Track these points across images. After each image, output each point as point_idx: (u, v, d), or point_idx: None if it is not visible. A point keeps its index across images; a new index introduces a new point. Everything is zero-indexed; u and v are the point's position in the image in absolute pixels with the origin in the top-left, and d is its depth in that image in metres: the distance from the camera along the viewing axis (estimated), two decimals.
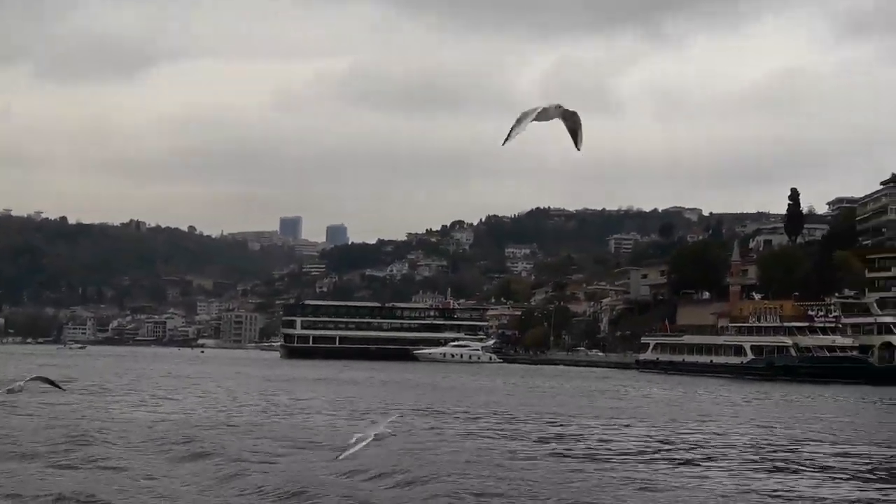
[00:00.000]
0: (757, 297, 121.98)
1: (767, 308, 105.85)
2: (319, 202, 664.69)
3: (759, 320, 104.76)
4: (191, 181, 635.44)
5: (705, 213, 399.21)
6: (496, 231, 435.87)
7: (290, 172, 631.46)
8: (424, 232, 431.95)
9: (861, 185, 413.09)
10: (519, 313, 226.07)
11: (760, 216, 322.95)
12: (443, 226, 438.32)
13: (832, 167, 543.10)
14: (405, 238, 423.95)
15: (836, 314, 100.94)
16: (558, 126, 11.61)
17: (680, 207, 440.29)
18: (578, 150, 12.00)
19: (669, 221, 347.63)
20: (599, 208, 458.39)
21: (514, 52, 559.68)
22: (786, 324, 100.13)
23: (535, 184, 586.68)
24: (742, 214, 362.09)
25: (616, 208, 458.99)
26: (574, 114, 11.75)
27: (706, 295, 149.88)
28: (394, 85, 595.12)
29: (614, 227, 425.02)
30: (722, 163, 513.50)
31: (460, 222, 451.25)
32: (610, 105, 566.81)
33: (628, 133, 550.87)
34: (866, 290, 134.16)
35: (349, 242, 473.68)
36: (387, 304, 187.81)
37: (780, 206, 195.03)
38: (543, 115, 11.52)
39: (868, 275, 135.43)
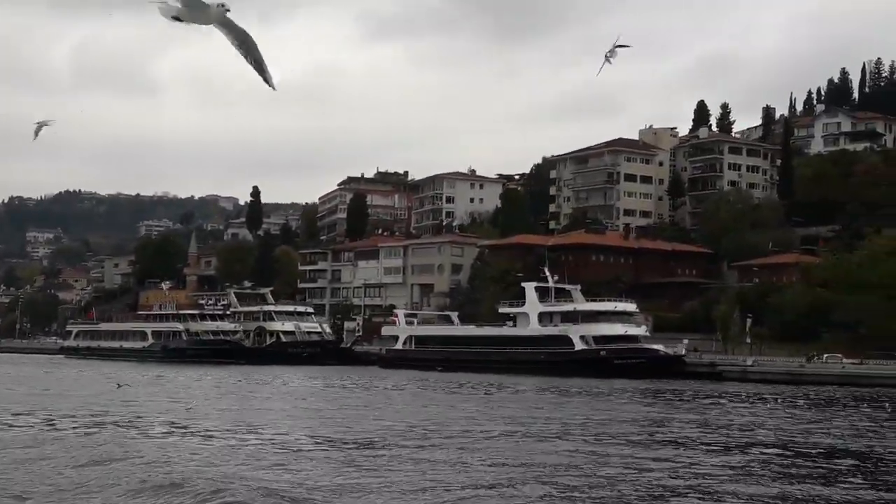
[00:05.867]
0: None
1: (167, 298, 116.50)
2: None
3: (160, 308, 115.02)
4: None
5: (241, 202, 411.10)
6: (19, 214, 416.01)
7: None
8: None
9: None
10: (7, 301, 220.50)
11: (292, 206, 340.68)
12: None
13: (352, 161, 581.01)
14: None
15: (224, 303, 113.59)
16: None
17: (216, 195, 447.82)
18: (272, 87, 10.91)
19: (191, 210, 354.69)
20: (134, 193, 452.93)
21: (37, 25, 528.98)
22: (180, 311, 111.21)
23: (68, 165, 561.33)
24: (279, 205, 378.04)
25: (151, 194, 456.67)
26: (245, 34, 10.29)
27: (168, 284, 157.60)
28: None
29: (148, 213, 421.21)
30: (263, 152, 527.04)
31: None
32: (146, 87, 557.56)
33: (168, 118, 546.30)
34: (298, 280, 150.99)
35: None
36: None
37: (307, 197, 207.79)
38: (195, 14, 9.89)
39: (300, 267, 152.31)
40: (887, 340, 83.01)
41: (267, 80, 10.74)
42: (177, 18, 9.71)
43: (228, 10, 9.13)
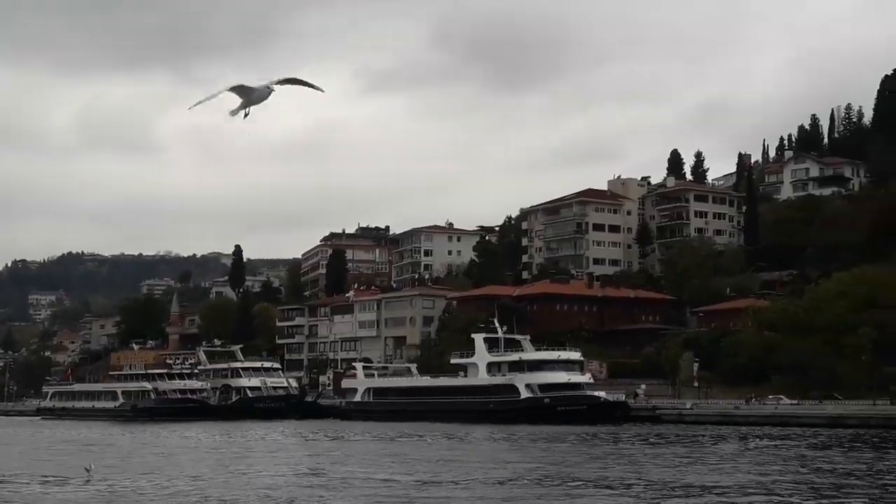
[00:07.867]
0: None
1: (136, 358, 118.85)
2: None
3: (129, 368, 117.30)
4: None
5: (244, 259, 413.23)
6: (21, 277, 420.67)
7: None
8: None
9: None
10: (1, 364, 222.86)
11: (292, 262, 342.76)
12: None
13: (340, 216, 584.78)
14: None
15: (192, 361, 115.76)
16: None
17: (219, 253, 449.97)
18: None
19: (189, 269, 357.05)
20: (136, 253, 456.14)
21: (38, 89, 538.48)
22: (148, 371, 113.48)
23: (70, 227, 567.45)
24: (276, 260, 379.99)
25: (154, 253, 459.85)
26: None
27: (141, 344, 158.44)
28: None
29: (150, 273, 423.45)
30: (260, 209, 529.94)
31: None
32: (148, 146, 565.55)
33: (169, 176, 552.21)
34: (276, 336, 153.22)
35: None
36: None
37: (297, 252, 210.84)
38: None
39: (279, 323, 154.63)
40: (831, 382, 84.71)
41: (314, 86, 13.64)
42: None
43: (273, 91, 10.96)
